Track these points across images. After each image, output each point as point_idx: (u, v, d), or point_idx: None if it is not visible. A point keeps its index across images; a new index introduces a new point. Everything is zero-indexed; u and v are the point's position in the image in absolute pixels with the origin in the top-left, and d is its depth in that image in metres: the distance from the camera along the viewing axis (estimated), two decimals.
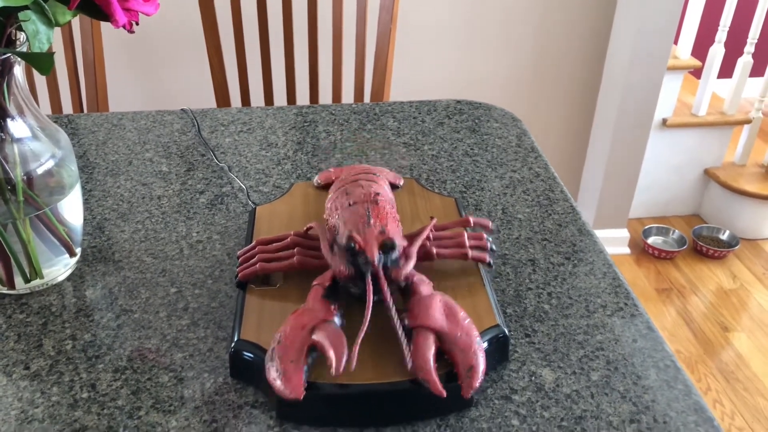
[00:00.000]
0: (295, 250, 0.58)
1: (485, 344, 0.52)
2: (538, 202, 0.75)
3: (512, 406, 0.51)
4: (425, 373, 0.47)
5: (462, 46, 1.80)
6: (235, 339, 0.52)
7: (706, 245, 2.12)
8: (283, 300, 0.56)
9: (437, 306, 0.51)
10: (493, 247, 0.60)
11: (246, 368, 0.52)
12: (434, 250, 0.58)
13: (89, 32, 1.21)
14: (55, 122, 0.83)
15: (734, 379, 1.70)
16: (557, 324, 0.58)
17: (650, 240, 2.15)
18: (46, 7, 0.52)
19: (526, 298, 0.61)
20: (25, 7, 0.50)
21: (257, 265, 0.57)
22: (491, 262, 0.59)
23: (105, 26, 1.38)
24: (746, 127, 2.22)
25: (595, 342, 0.56)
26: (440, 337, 0.50)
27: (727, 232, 2.17)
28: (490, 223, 0.62)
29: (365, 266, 0.51)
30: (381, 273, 0.51)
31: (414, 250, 0.55)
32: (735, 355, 1.77)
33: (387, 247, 0.52)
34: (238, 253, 0.60)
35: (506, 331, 0.53)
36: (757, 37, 2.11)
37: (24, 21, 0.51)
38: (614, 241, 2.10)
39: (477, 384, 0.48)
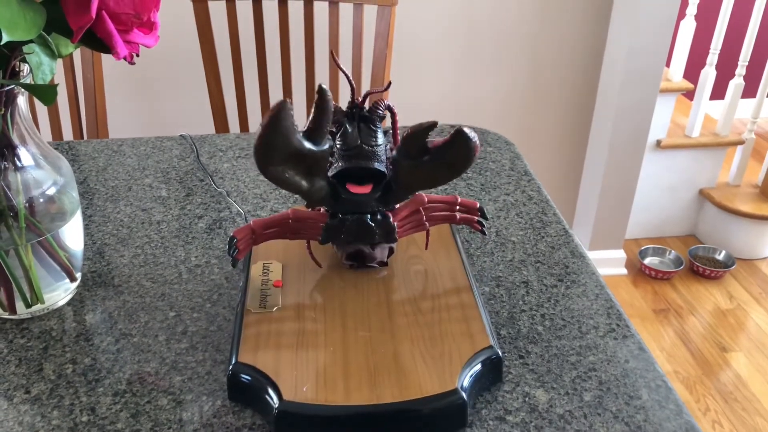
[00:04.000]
0: (291, 215, 0.59)
1: (479, 365, 0.53)
2: (532, 225, 0.76)
3: (506, 426, 0.51)
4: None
5: (456, 71, 1.83)
6: (233, 362, 0.53)
7: (703, 265, 2.13)
8: (281, 323, 0.57)
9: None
10: (485, 213, 0.61)
11: (244, 391, 0.52)
12: (425, 216, 0.60)
13: (90, 59, 1.24)
14: (56, 149, 0.85)
15: (733, 399, 1.70)
16: (550, 345, 0.59)
17: (647, 261, 2.16)
18: (50, 39, 0.54)
19: (519, 319, 0.62)
20: (30, 40, 0.51)
21: (251, 223, 0.58)
22: (483, 223, 0.60)
23: (106, 54, 1.40)
24: (739, 147, 2.25)
25: (587, 363, 0.57)
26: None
27: (723, 252, 2.18)
28: (477, 204, 0.63)
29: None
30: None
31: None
32: (733, 375, 1.77)
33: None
34: (234, 232, 0.59)
35: (500, 353, 0.54)
36: (748, 59, 2.14)
37: (28, 53, 0.52)
38: (611, 262, 2.11)
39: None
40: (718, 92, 2.78)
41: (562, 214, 2.12)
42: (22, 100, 0.57)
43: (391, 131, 0.62)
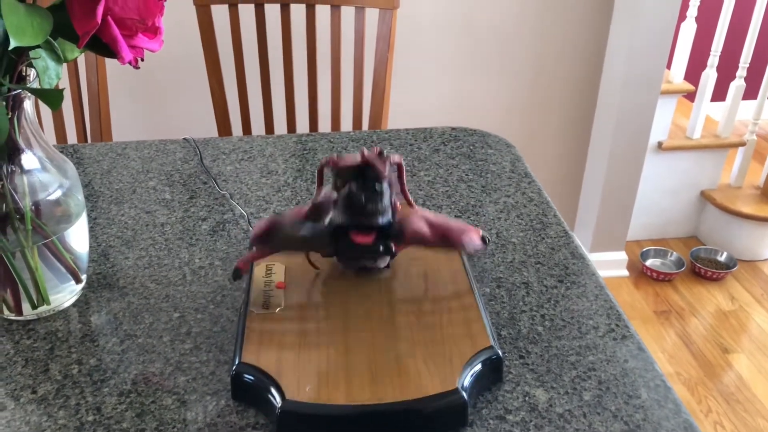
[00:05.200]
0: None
1: (479, 365, 0.53)
2: (532, 227, 0.77)
3: (506, 426, 0.52)
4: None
5: (458, 74, 1.84)
6: (237, 362, 0.54)
7: (704, 267, 2.13)
8: (283, 324, 0.57)
9: (421, 218, 0.59)
10: (486, 237, 0.63)
11: (247, 391, 0.53)
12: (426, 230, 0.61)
13: (93, 63, 1.25)
14: (61, 152, 0.86)
15: (735, 401, 1.70)
16: (550, 345, 0.60)
17: (648, 262, 2.17)
18: (56, 44, 0.55)
19: (520, 320, 0.63)
20: (36, 45, 0.52)
21: (254, 250, 0.60)
22: (487, 238, 0.61)
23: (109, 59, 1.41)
24: (741, 149, 2.25)
25: (587, 363, 0.58)
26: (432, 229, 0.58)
27: (725, 254, 2.18)
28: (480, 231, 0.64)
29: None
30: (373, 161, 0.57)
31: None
32: (735, 376, 1.77)
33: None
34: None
35: (500, 353, 0.55)
36: (749, 61, 2.15)
37: (35, 58, 0.53)
38: (612, 264, 2.11)
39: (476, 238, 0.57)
40: (719, 94, 2.78)
41: (564, 215, 2.13)
42: (28, 104, 0.58)
43: (397, 182, 0.62)
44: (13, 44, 0.47)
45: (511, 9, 1.76)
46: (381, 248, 0.59)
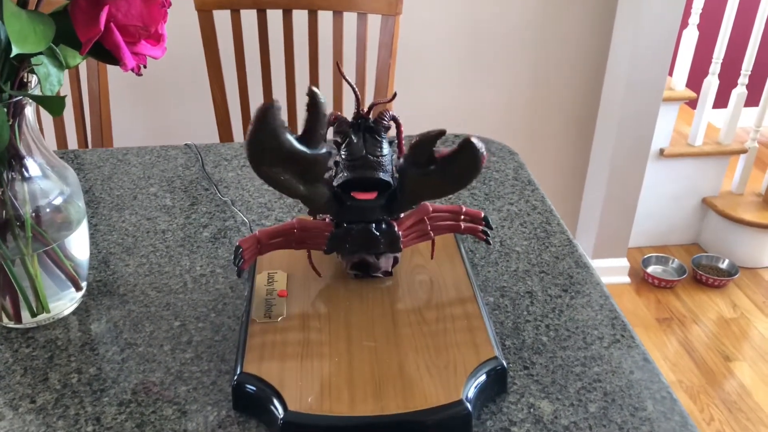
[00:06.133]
0: (296, 225, 0.60)
1: (483, 376, 0.53)
2: (536, 235, 0.76)
3: None
4: None
5: (460, 80, 1.83)
6: (238, 372, 0.53)
7: (706, 274, 2.12)
8: (285, 333, 0.57)
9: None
10: (490, 223, 0.62)
11: (249, 401, 0.52)
12: (429, 226, 0.61)
13: (95, 69, 1.24)
14: (61, 158, 0.85)
15: (737, 409, 1.69)
16: (555, 356, 0.59)
17: (650, 269, 2.16)
18: (58, 51, 0.54)
19: (524, 330, 0.62)
20: (39, 52, 0.52)
21: (257, 233, 0.59)
22: (488, 232, 0.61)
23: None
24: (742, 156, 2.25)
25: (592, 374, 0.57)
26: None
27: (727, 261, 2.18)
28: (481, 213, 0.63)
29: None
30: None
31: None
32: (737, 384, 1.77)
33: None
34: (239, 242, 0.59)
35: (504, 363, 0.54)
36: (751, 68, 2.14)
37: (36, 65, 0.53)
38: (614, 271, 2.10)
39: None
40: (720, 101, 2.78)
41: (566, 222, 2.12)
42: (29, 111, 0.58)
43: (395, 142, 0.62)
44: (15, 51, 0.47)
45: (513, 16, 1.76)
46: (384, 206, 0.58)
